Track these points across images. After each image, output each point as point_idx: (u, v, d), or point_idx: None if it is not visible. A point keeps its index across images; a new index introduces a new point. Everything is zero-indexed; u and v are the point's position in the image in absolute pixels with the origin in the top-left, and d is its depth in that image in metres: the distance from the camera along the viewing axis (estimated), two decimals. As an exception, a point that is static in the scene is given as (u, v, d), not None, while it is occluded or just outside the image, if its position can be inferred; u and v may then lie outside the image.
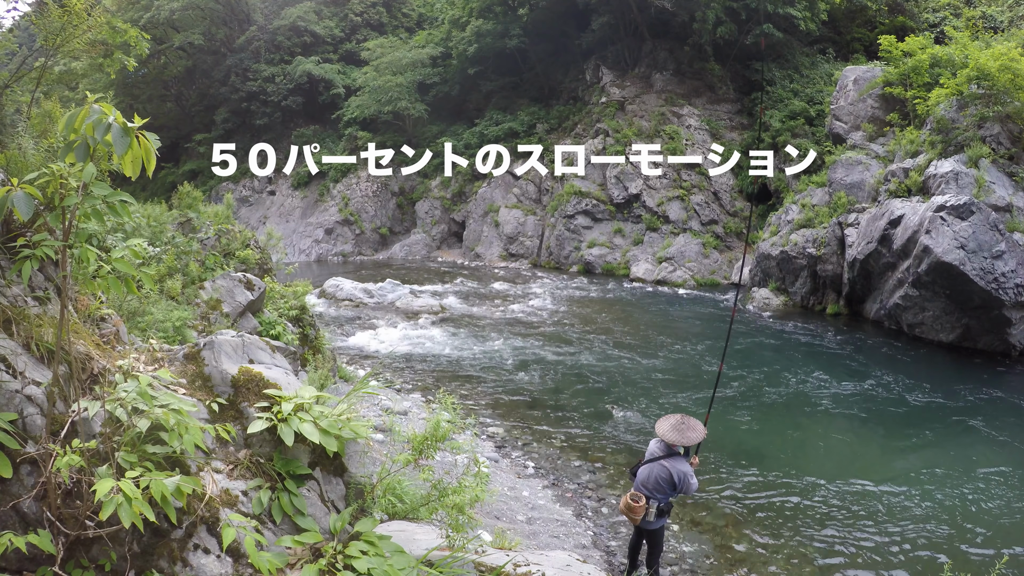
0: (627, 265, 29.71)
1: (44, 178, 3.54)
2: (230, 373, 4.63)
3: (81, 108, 3.37)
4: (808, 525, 8.68)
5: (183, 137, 45.17)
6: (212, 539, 3.87)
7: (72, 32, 8.98)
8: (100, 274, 3.82)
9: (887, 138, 22.73)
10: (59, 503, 3.53)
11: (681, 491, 6.61)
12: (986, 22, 26.71)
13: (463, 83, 40.40)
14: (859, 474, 10.21)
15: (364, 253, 37.64)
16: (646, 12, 33.38)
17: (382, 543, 4.26)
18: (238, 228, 11.74)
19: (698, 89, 34.17)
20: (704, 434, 6.72)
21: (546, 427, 11.92)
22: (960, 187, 17.46)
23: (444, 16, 41.60)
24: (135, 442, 3.82)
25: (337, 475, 4.71)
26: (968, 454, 11.22)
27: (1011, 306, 16.06)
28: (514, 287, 26.56)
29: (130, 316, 7.36)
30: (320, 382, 9.03)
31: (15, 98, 9.27)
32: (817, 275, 21.60)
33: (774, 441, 11.59)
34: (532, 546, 7.07)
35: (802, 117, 29.31)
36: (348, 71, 42.20)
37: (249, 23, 44.30)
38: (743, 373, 15.13)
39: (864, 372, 15.44)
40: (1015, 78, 18.17)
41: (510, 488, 9.12)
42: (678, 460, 6.61)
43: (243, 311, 9.73)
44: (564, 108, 37.17)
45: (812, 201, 23.05)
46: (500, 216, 34.57)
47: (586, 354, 16.75)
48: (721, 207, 30.89)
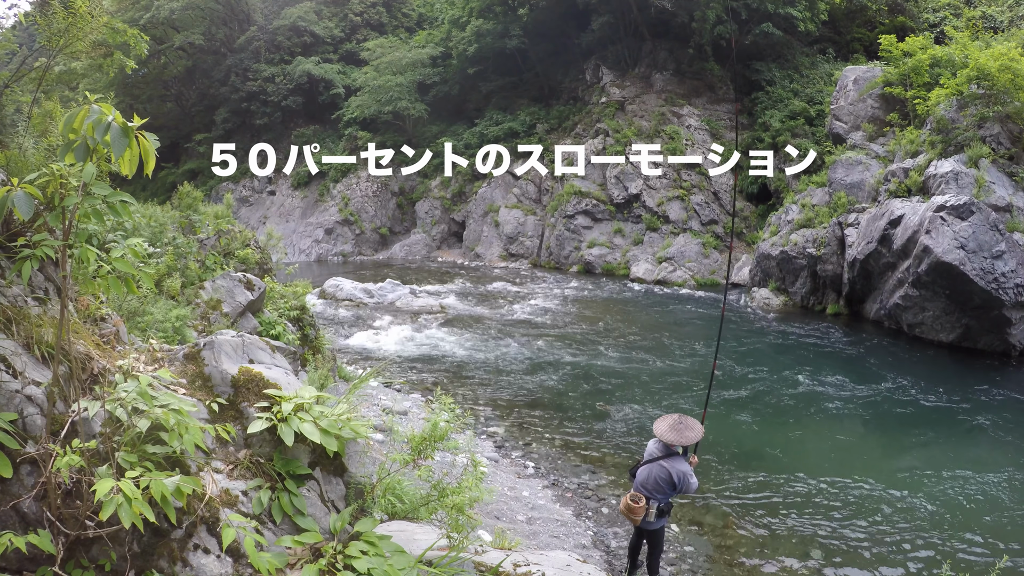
0: (627, 265, 29.71)
1: (44, 178, 3.53)
2: (230, 373, 4.63)
3: (81, 108, 3.37)
4: (808, 525, 8.68)
5: (183, 137, 45.18)
6: (212, 539, 3.87)
7: (76, 34, 8.98)
8: (100, 274, 3.82)
9: (887, 138, 22.73)
10: (59, 503, 3.53)
11: (681, 491, 6.61)
12: (986, 22, 26.70)
13: (463, 83, 40.40)
14: (859, 474, 10.21)
15: (364, 253, 37.65)
16: (646, 12, 33.38)
17: (382, 543, 4.26)
18: (238, 228, 11.74)
19: (698, 89, 34.17)
20: (702, 433, 6.72)
21: (546, 427, 11.92)
22: (960, 187, 17.46)
23: (444, 16, 41.59)
24: (135, 442, 3.82)
25: (337, 475, 4.71)
26: (968, 454, 11.22)
27: (1011, 306, 16.06)
28: (514, 287, 26.56)
29: (130, 316, 7.36)
30: (320, 382, 9.03)
31: (15, 98, 9.27)
32: (817, 275, 21.60)
33: (774, 441, 11.59)
34: (532, 546, 7.07)
35: (802, 117, 29.31)
36: (348, 71, 42.21)
37: (249, 23, 44.30)
38: (743, 373, 15.13)
39: (864, 372, 15.44)
40: (1015, 78, 18.16)
41: (510, 488, 9.12)
42: (677, 460, 6.62)
43: (243, 311, 9.73)
44: (564, 108, 37.17)
45: (812, 201, 23.05)
46: (500, 216, 34.57)
47: (586, 354, 16.75)
48: (721, 207, 30.88)
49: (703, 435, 6.80)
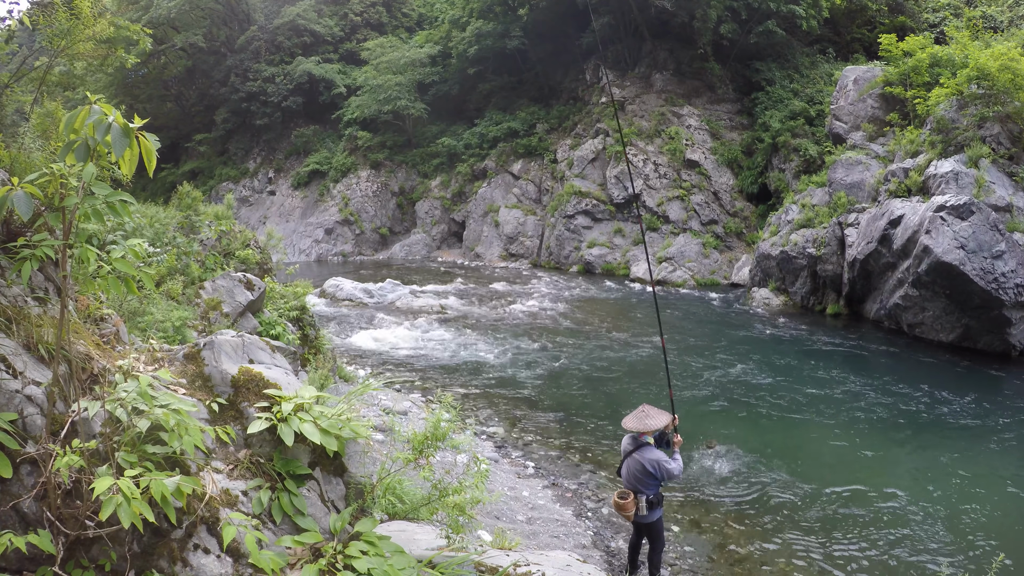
0: (627, 265, 29.71)
1: (44, 178, 3.53)
2: (230, 373, 4.63)
3: (81, 108, 3.37)
4: (808, 525, 8.68)
5: (183, 137, 45.18)
6: (212, 539, 3.87)
7: (77, 35, 8.98)
8: (100, 274, 3.82)
9: (887, 138, 22.73)
10: (59, 503, 3.54)
11: (663, 479, 6.64)
12: (986, 22, 26.67)
13: (463, 83, 40.41)
14: (859, 474, 10.21)
15: (364, 253, 37.65)
16: (646, 12, 33.38)
17: (382, 543, 4.26)
18: (238, 228, 11.74)
19: (698, 89, 34.17)
20: (669, 418, 6.80)
21: (546, 427, 11.92)
22: (960, 187, 17.46)
23: (444, 16, 41.58)
24: (135, 442, 3.82)
25: (337, 475, 4.71)
26: (968, 454, 11.22)
27: (1011, 306, 16.06)
28: (514, 287, 26.56)
29: (130, 316, 7.36)
30: (320, 382, 9.03)
31: (16, 98, 9.27)
32: (817, 275, 21.60)
33: (774, 441, 11.59)
34: (532, 546, 7.07)
35: (802, 117, 29.30)
36: (348, 71, 42.21)
37: (249, 23, 44.29)
38: (743, 374, 15.14)
39: (864, 372, 15.44)
40: (1015, 78, 18.16)
41: (510, 488, 9.12)
42: (648, 450, 6.69)
43: (243, 311, 9.73)
44: (564, 108, 37.17)
45: (812, 201, 23.06)
46: (500, 216, 34.58)
47: (586, 354, 16.75)
48: (721, 207, 30.88)
49: (675, 420, 6.97)
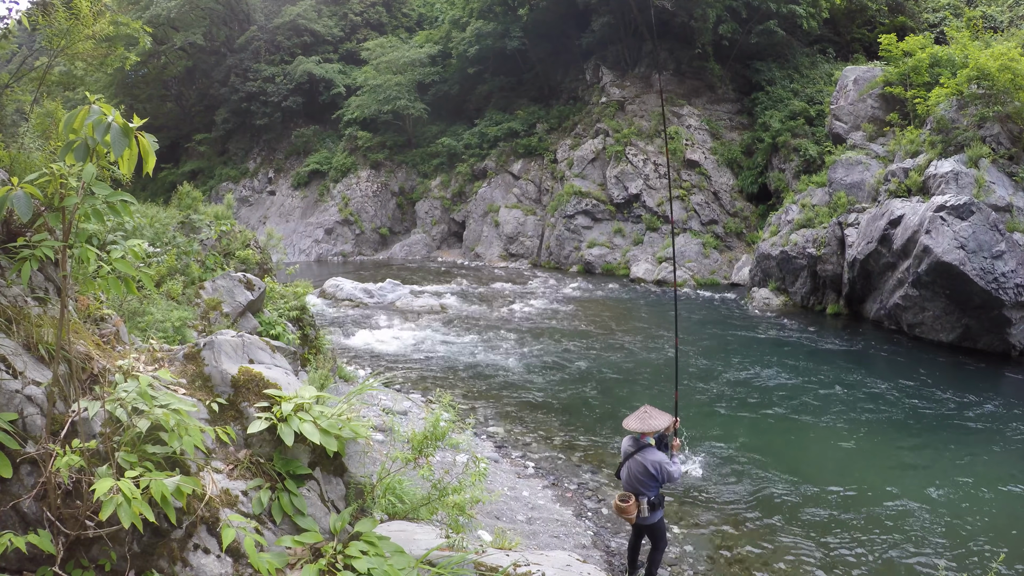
0: (627, 265, 29.71)
1: (44, 178, 3.53)
2: (230, 373, 4.63)
3: (81, 108, 3.37)
4: (808, 525, 8.68)
5: (183, 137, 45.18)
6: (212, 539, 3.87)
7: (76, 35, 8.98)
8: (100, 274, 3.82)
9: (887, 138, 22.73)
10: (59, 503, 3.53)
11: (663, 480, 6.62)
12: (986, 22, 26.68)
13: (463, 83, 40.40)
14: (859, 474, 10.21)
15: (364, 253, 37.64)
16: (646, 12, 33.37)
17: (382, 543, 4.26)
18: (238, 228, 11.74)
19: (698, 89, 34.17)
20: (670, 419, 6.79)
21: (546, 427, 11.92)
22: (960, 187, 17.46)
23: (444, 16, 41.58)
24: (135, 442, 3.82)
25: (337, 475, 4.71)
26: (968, 454, 11.21)
27: (1011, 306, 16.06)
28: (514, 287, 26.56)
29: (130, 316, 7.36)
30: (320, 382, 9.03)
31: (16, 98, 9.27)
32: (817, 275, 21.60)
33: (774, 442, 11.58)
34: (532, 546, 7.07)
35: (802, 117, 29.30)
36: (348, 71, 42.20)
37: (249, 23, 44.28)
38: (743, 373, 15.13)
39: (864, 372, 15.43)
40: (1015, 78, 18.16)
41: (510, 488, 9.12)
42: (649, 451, 6.67)
43: (243, 311, 9.73)
44: (564, 108, 37.17)
45: (812, 201, 23.06)
46: (500, 216, 34.57)
47: (586, 354, 16.75)
48: (721, 207, 30.89)
49: (677, 422, 7.00)
